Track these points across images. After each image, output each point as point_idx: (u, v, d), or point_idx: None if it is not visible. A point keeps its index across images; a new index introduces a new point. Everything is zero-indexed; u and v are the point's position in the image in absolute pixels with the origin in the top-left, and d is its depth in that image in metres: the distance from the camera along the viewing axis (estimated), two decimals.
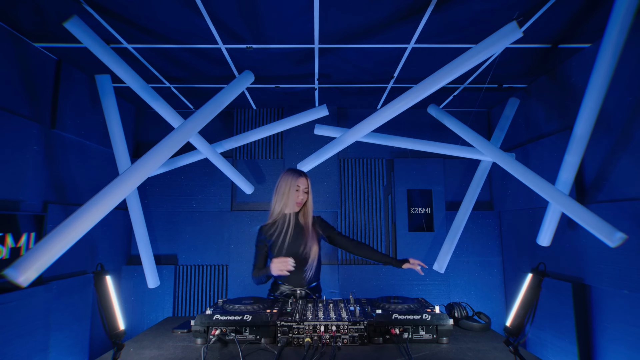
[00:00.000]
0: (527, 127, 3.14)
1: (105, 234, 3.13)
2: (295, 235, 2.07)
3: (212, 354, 1.45)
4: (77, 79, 2.76)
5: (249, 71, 2.48)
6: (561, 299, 2.53)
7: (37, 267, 1.49)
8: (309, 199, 2.11)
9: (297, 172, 2.11)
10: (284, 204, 2.07)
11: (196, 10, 2.02)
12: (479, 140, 2.74)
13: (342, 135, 2.61)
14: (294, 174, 2.09)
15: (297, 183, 2.06)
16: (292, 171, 2.11)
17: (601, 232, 1.93)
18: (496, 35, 1.88)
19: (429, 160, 3.67)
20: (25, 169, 2.28)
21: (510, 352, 1.36)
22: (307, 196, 2.10)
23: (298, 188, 2.06)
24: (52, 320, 2.38)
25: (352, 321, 1.53)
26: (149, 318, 3.39)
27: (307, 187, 2.09)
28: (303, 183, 2.08)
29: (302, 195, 2.07)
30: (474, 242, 3.57)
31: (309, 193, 2.11)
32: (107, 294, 1.44)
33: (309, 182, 2.12)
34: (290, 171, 2.11)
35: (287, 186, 2.06)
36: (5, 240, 2.08)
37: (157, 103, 2.59)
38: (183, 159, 3.15)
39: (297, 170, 2.12)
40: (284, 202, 2.06)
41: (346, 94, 3.35)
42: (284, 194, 2.06)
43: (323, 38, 2.34)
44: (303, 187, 2.08)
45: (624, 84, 2.13)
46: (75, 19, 2.01)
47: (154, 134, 3.71)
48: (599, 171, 2.35)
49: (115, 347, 1.34)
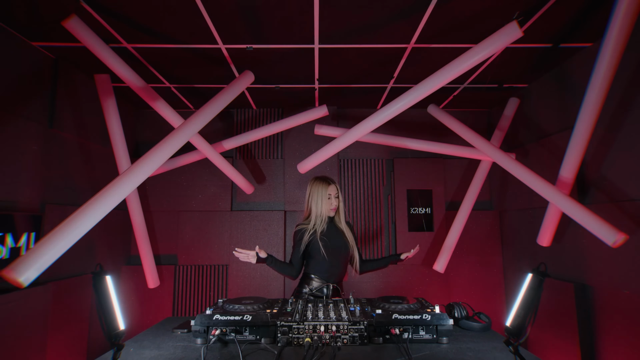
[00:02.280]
0: (527, 127, 3.14)
1: (105, 234, 3.12)
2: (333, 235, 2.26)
3: (212, 354, 1.45)
4: (76, 78, 2.76)
5: (249, 71, 2.48)
6: (562, 300, 2.52)
7: (37, 267, 1.49)
8: (340, 203, 2.30)
9: (325, 180, 2.28)
10: (320, 210, 2.24)
11: (196, 10, 2.02)
12: (479, 140, 2.74)
13: (342, 135, 2.61)
14: (323, 182, 2.26)
15: (327, 192, 2.24)
16: (321, 180, 2.28)
17: (601, 232, 1.93)
18: (496, 35, 1.88)
19: (429, 160, 3.67)
20: (23, 169, 2.27)
21: (510, 352, 1.36)
22: (338, 201, 2.28)
23: (330, 196, 2.24)
24: (50, 321, 2.37)
25: (352, 321, 1.53)
26: (149, 318, 3.39)
27: (337, 193, 2.28)
28: (333, 190, 2.26)
29: (335, 201, 2.26)
30: (474, 242, 3.57)
31: (340, 197, 2.30)
32: (106, 294, 1.44)
33: (338, 188, 2.31)
34: (319, 180, 2.28)
35: (320, 196, 2.24)
36: (4, 240, 2.07)
37: (157, 103, 2.58)
38: (183, 159, 3.15)
39: (325, 179, 2.29)
40: (320, 210, 2.24)
41: (346, 94, 3.35)
42: (318, 203, 2.24)
43: (323, 38, 2.33)
44: (334, 194, 2.26)
45: (625, 84, 2.13)
46: (74, 18, 2.01)
47: (154, 134, 3.71)
48: (599, 171, 2.34)
49: (115, 347, 1.34)
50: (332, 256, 2.21)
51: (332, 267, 2.23)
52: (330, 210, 2.26)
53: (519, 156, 3.16)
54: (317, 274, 2.24)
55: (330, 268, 2.22)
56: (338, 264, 2.25)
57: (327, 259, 2.20)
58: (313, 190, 2.26)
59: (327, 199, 2.24)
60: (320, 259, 2.21)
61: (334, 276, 2.25)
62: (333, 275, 2.25)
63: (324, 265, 2.21)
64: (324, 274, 2.23)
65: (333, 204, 2.25)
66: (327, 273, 2.23)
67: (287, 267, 2.24)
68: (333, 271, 2.24)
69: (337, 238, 2.27)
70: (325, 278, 2.23)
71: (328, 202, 2.24)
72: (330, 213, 2.27)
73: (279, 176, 3.71)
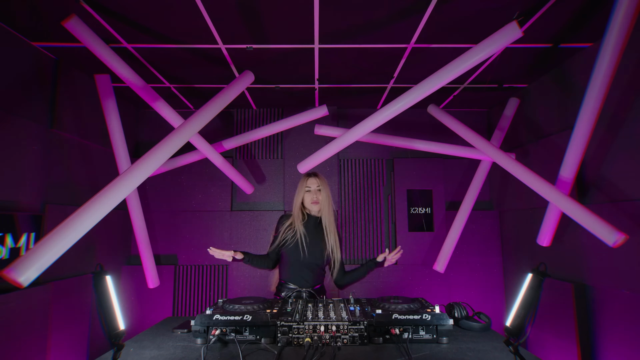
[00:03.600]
0: (527, 127, 3.14)
1: (105, 234, 3.12)
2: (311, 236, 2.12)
3: (212, 354, 1.45)
4: (76, 78, 2.76)
5: (249, 71, 2.48)
6: (562, 300, 2.52)
7: (37, 267, 1.49)
8: (325, 198, 2.12)
9: (306, 174, 2.19)
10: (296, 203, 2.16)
11: (196, 10, 2.02)
12: (479, 140, 2.74)
13: (342, 135, 2.61)
14: (304, 175, 2.19)
15: (306, 184, 2.14)
16: (305, 174, 2.20)
17: (601, 232, 1.93)
18: (496, 35, 1.88)
19: (429, 160, 3.67)
20: (24, 169, 2.27)
21: (510, 352, 1.36)
22: (319, 193, 2.12)
23: (309, 188, 2.13)
24: (51, 321, 2.37)
25: (352, 321, 1.53)
26: (149, 318, 3.39)
27: (318, 186, 2.13)
28: (313, 183, 2.13)
29: (315, 195, 2.12)
30: (474, 242, 3.57)
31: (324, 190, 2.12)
32: (107, 294, 1.44)
33: (321, 180, 2.15)
34: (304, 174, 2.20)
35: (300, 188, 2.16)
36: (4, 240, 2.07)
37: (157, 103, 2.58)
38: (183, 159, 3.15)
39: (306, 173, 2.20)
40: (296, 202, 2.16)
41: (346, 94, 3.35)
42: (296, 195, 2.17)
43: (323, 38, 2.33)
44: (315, 187, 2.13)
45: (625, 84, 2.13)
46: (74, 19, 2.01)
47: (154, 134, 3.71)
48: (599, 171, 2.34)
49: (115, 347, 1.34)
50: (305, 259, 2.06)
51: (303, 271, 2.08)
52: (312, 204, 2.11)
53: (519, 156, 3.16)
54: (287, 279, 2.10)
55: (301, 272, 2.08)
56: (310, 269, 2.09)
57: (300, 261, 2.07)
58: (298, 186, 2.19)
59: (304, 191, 2.12)
60: (292, 260, 2.08)
61: (307, 282, 2.09)
62: (307, 280, 2.09)
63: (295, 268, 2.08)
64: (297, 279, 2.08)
65: (313, 198, 2.10)
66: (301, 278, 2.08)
67: (262, 260, 2.13)
68: (306, 276, 2.09)
69: (315, 240, 2.10)
70: (298, 284, 2.08)
71: (307, 195, 2.12)
72: (312, 207, 2.13)
73: (279, 176, 3.71)
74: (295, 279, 2.10)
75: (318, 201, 2.12)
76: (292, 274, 2.10)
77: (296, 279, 2.09)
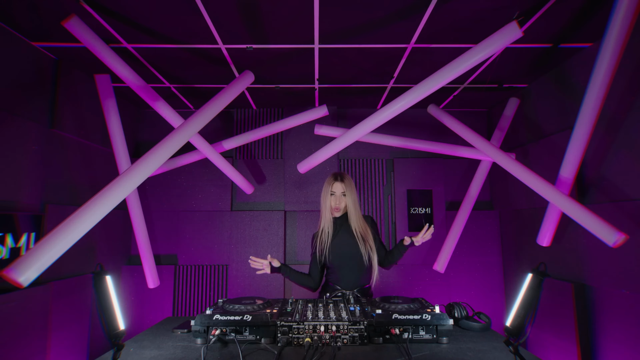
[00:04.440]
0: (527, 127, 3.14)
1: (105, 234, 3.12)
2: (343, 239, 2.08)
3: (212, 354, 1.45)
4: (76, 78, 2.76)
5: (249, 71, 2.48)
6: (562, 300, 2.52)
7: (37, 267, 1.49)
8: (350, 202, 2.05)
9: (333, 176, 2.09)
10: (324, 210, 2.09)
11: (196, 10, 2.02)
12: (479, 140, 2.74)
13: (342, 135, 2.61)
14: (329, 178, 2.10)
15: (331, 188, 2.07)
16: (330, 175, 2.11)
17: (601, 232, 1.93)
18: (496, 35, 1.88)
19: (429, 160, 3.67)
20: (24, 169, 2.27)
21: (510, 352, 1.36)
22: (344, 199, 2.06)
23: (333, 193, 2.06)
24: (51, 320, 2.37)
25: (352, 321, 1.53)
26: (149, 318, 3.39)
27: (344, 191, 2.05)
28: (338, 188, 2.05)
29: (340, 200, 2.05)
30: (474, 242, 3.57)
31: (350, 195, 2.05)
32: (107, 294, 1.44)
33: (347, 185, 2.06)
34: (329, 175, 2.11)
35: (325, 193, 2.08)
36: (5, 240, 2.07)
37: (157, 103, 2.58)
38: (183, 159, 3.15)
39: (334, 174, 2.10)
40: (323, 208, 2.09)
41: (346, 94, 3.35)
42: (323, 201, 2.08)
43: (323, 38, 2.33)
44: (339, 192, 2.05)
45: (625, 84, 2.13)
46: (74, 19, 2.01)
47: (154, 134, 3.71)
48: (599, 171, 2.34)
49: (115, 347, 1.34)
50: (342, 263, 2.05)
51: (345, 274, 2.06)
52: (333, 210, 2.06)
53: (519, 156, 3.16)
54: (334, 282, 2.09)
55: (343, 276, 2.06)
56: (351, 271, 2.06)
57: (338, 266, 2.06)
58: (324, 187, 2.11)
59: (329, 196, 2.06)
60: (333, 267, 2.07)
61: (350, 283, 2.06)
62: (350, 282, 2.06)
63: (337, 272, 2.07)
64: (340, 282, 2.07)
65: (336, 203, 2.04)
66: (343, 281, 2.05)
67: (303, 278, 2.11)
68: (349, 278, 2.05)
69: (347, 242, 2.06)
70: (343, 286, 2.06)
71: (332, 199, 2.06)
72: (333, 213, 2.07)
73: (279, 176, 3.71)
74: (338, 281, 2.09)
75: (339, 208, 2.05)
76: (335, 276, 2.10)
77: (339, 281, 2.08)
